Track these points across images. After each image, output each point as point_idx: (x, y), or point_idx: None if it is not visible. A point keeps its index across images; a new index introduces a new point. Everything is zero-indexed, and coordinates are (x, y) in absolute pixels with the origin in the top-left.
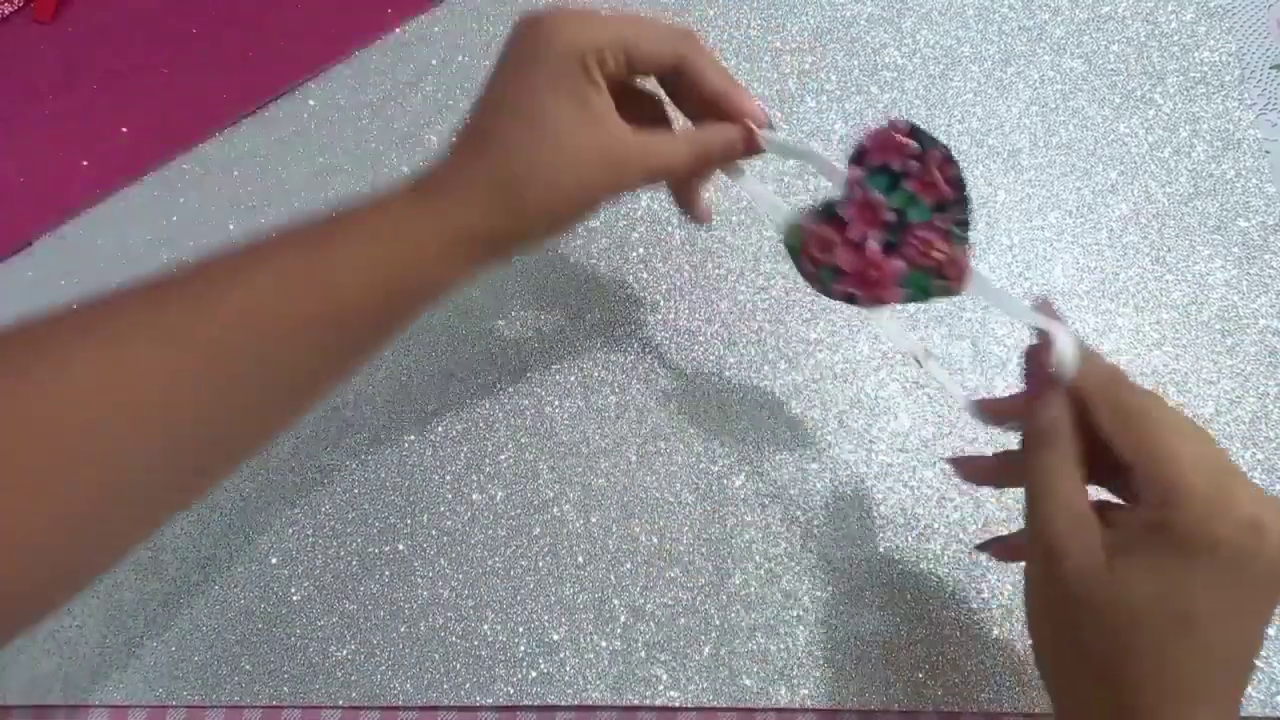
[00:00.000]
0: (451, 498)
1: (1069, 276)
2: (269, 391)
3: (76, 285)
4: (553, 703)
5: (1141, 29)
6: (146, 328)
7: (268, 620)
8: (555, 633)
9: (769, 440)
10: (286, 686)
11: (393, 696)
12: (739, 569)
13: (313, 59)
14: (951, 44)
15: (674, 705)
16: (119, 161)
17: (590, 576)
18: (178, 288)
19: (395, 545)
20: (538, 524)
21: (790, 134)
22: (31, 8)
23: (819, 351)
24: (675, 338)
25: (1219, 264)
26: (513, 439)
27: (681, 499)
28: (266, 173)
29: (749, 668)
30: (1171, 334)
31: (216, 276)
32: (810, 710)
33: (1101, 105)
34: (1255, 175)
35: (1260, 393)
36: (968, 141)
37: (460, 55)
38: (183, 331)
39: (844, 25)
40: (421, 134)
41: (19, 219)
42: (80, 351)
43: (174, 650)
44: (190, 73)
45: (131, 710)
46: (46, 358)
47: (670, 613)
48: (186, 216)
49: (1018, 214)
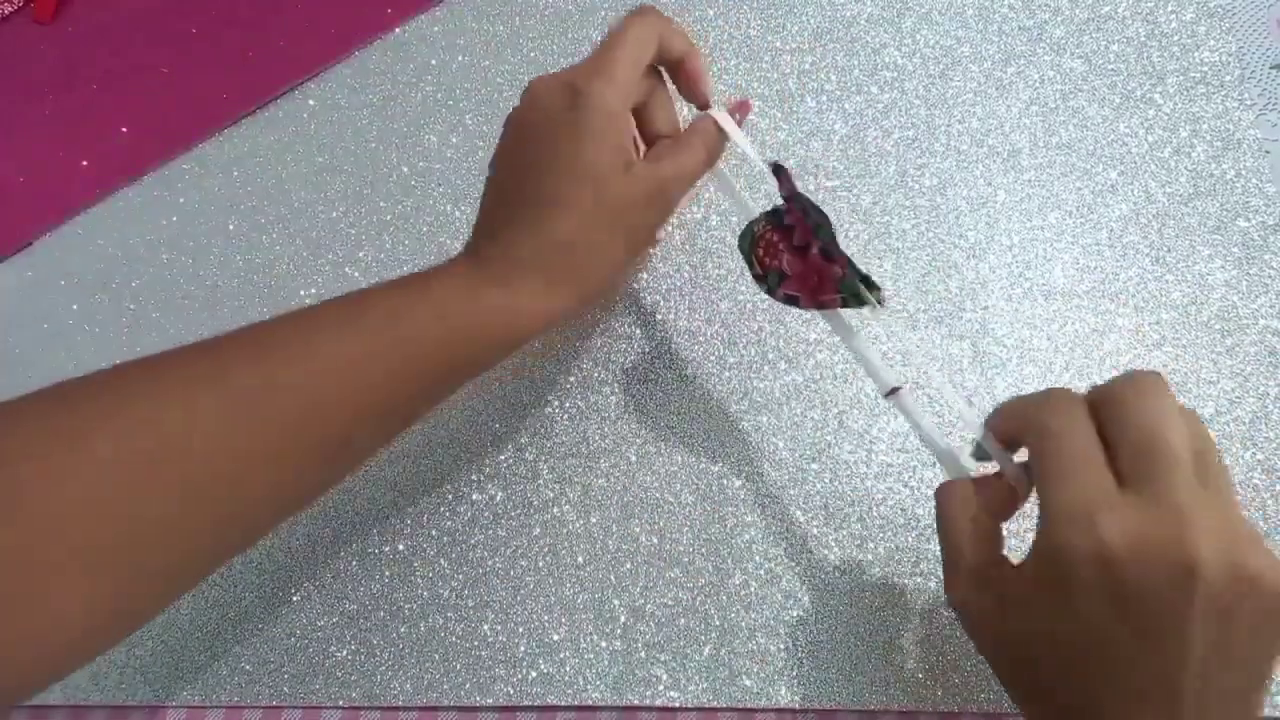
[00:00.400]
0: (451, 498)
1: (1069, 276)
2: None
3: (76, 285)
4: (553, 703)
5: (1141, 29)
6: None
7: (268, 620)
8: (555, 633)
9: (769, 440)
10: (286, 686)
11: (393, 696)
12: (739, 569)
13: (313, 59)
14: (951, 44)
15: (674, 705)
16: (119, 161)
17: (590, 576)
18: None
19: (395, 545)
20: (538, 524)
21: (790, 132)
22: (31, 8)
23: (819, 351)
24: (675, 338)
25: (1219, 264)
26: (513, 439)
27: (681, 499)
28: (266, 173)
29: (749, 668)
30: (1171, 334)
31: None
32: (810, 710)
33: (1101, 105)
34: (1255, 175)
35: (1260, 393)
36: (968, 141)
37: (460, 55)
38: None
39: (844, 25)
40: (421, 134)
41: (19, 219)
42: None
43: (174, 650)
44: (190, 73)
45: (131, 710)
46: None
47: (670, 613)
48: (186, 216)
49: (1018, 214)
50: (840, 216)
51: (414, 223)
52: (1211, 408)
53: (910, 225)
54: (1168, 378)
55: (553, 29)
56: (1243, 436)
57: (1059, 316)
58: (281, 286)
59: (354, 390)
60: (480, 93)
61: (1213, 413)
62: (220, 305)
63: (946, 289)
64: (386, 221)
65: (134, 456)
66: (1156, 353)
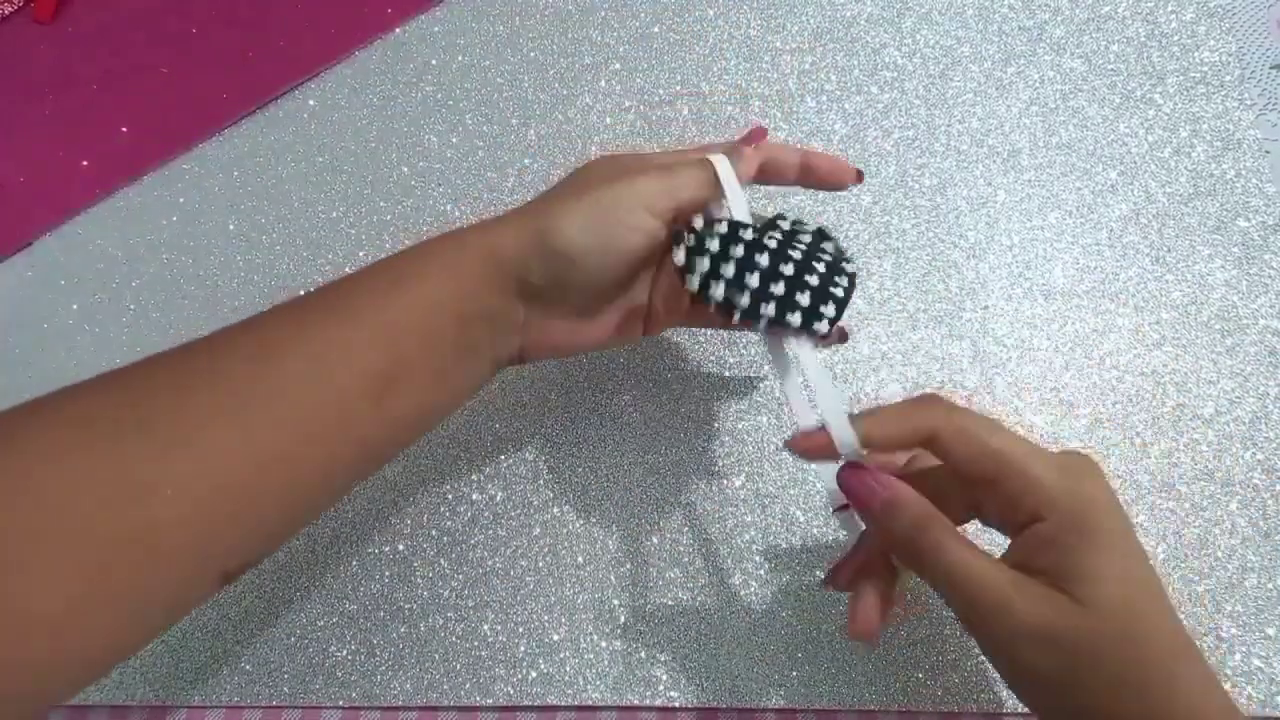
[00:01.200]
0: (451, 498)
1: (1069, 276)
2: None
3: (76, 285)
4: (553, 703)
5: (1141, 29)
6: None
7: (268, 620)
8: (555, 633)
9: (769, 440)
10: (286, 686)
11: (393, 696)
12: (739, 569)
13: (313, 59)
14: (951, 44)
15: (674, 705)
16: (119, 161)
17: (590, 576)
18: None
19: (395, 545)
20: (538, 524)
21: (790, 132)
22: (31, 8)
23: (819, 352)
24: (675, 338)
25: (1219, 264)
26: (513, 439)
27: (681, 499)
28: (266, 173)
29: (749, 668)
30: (1171, 334)
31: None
32: (810, 710)
33: (1101, 105)
34: (1255, 175)
35: (1260, 393)
36: (968, 141)
37: (460, 55)
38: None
39: (844, 25)
40: (421, 134)
41: (19, 219)
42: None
43: (174, 650)
44: (190, 73)
45: (131, 710)
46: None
47: (670, 613)
48: (186, 216)
49: (1018, 214)
50: (840, 216)
51: (414, 223)
52: (1211, 407)
53: (910, 225)
54: (1168, 378)
55: (553, 29)
56: (1243, 436)
57: (1059, 316)
58: (281, 286)
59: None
60: (480, 93)
61: (1213, 412)
62: (220, 305)
63: (946, 289)
64: (386, 221)
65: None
66: (1156, 353)
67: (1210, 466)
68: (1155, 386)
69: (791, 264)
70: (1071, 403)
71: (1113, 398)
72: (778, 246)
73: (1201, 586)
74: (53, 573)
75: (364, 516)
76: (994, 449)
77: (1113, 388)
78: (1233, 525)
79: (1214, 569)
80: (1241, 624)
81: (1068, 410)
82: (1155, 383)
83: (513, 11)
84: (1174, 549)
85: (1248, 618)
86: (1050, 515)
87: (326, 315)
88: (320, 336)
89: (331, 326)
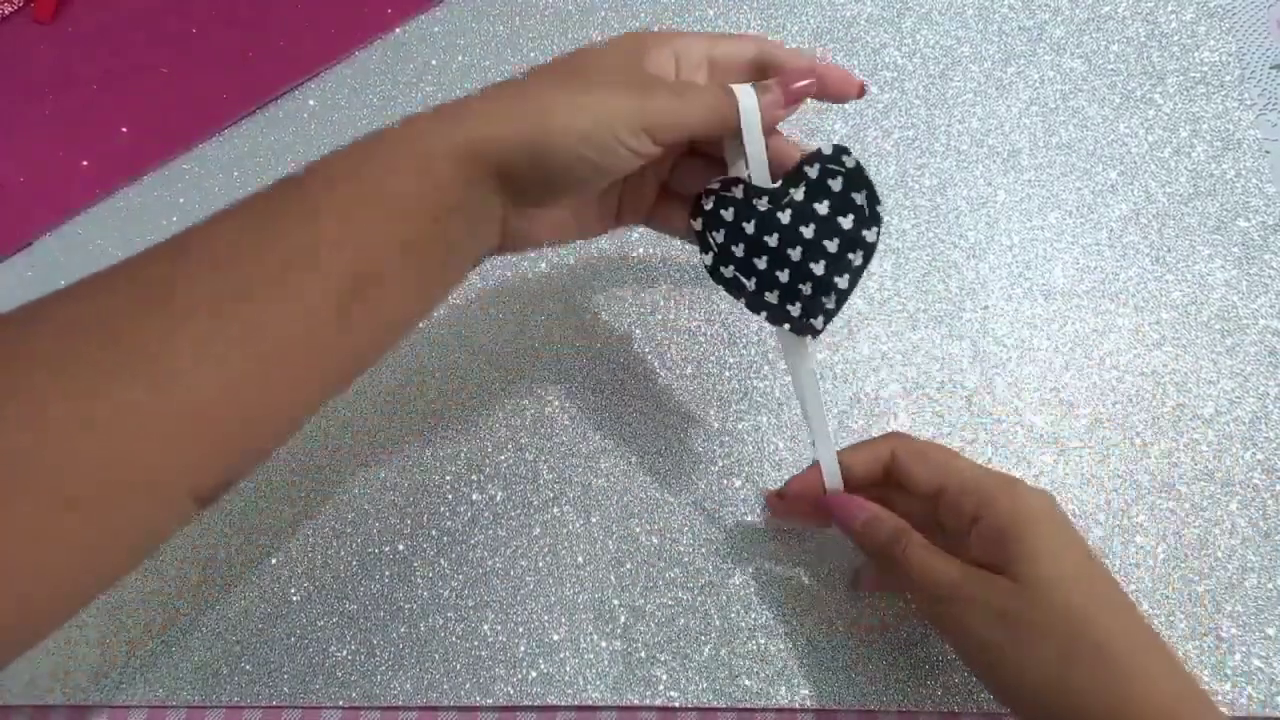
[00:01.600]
0: (451, 498)
1: (1069, 276)
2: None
3: None
4: (553, 703)
5: (1141, 29)
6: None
7: (268, 620)
8: (555, 633)
9: (769, 440)
10: (286, 686)
11: (393, 696)
12: (739, 569)
13: (313, 59)
14: (951, 44)
15: (674, 705)
16: (119, 161)
17: (590, 576)
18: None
19: (395, 545)
20: (538, 524)
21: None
22: (31, 8)
23: (819, 352)
24: (675, 338)
25: (1219, 264)
26: (513, 439)
27: (681, 499)
28: (266, 173)
29: (749, 668)
30: (1171, 334)
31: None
32: (810, 710)
33: (1101, 105)
34: (1255, 175)
35: (1260, 393)
36: (968, 141)
37: (460, 55)
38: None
39: (844, 25)
40: None
41: (19, 219)
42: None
43: (174, 650)
44: (190, 73)
45: (132, 710)
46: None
47: (670, 613)
48: (186, 216)
49: (1018, 214)
50: None
51: None
52: (1211, 407)
53: (910, 225)
54: (1168, 378)
55: (553, 29)
56: (1243, 436)
57: (1059, 316)
58: None
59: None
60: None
61: (1213, 413)
62: None
63: (946, 289)
64: None
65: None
66: (1156, 353)
67: (1210, 466)
68: (1155, 386)
69: (799, 246)
70: (1071, 403)
71: (1113, 398)
72: (790, 220)
73: (1201, 586)
74: (9, 508)
75: (364, 516)
76: (942, 464)
77: (1113, 388)
78: (1233, 525)
79: (1214, 569)
80: (1241, 624)
81: (1068, 410)
82: (1155, 383)
83: (513, 11)
84: (1174, 549)
85: (1248, 618)
86: (988, 513)
87: (287, 221)
88: (283, 244)
89: (295, 231)
